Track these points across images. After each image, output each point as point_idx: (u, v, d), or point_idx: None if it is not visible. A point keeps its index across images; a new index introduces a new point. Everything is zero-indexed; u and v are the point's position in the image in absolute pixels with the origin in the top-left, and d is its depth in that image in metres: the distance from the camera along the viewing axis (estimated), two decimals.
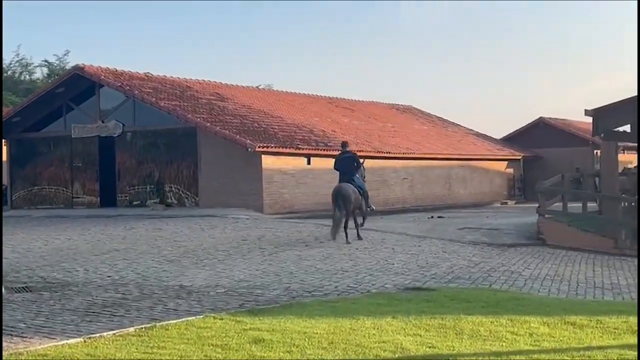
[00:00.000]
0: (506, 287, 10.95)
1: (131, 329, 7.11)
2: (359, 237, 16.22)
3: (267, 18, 79.95)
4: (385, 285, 10.74)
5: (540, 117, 41.15)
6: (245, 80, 53.71)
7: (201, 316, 7.88)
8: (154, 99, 24.33)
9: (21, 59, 45.98)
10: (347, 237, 15.87)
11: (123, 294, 10.16)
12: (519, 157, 38.13)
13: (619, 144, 27.91)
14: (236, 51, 79.31)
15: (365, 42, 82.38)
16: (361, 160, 17.40)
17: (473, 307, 8.22)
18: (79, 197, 27.29)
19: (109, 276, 11.96)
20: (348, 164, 16.99)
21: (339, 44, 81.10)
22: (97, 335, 6.89)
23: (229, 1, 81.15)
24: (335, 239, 15.79)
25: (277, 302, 9.25)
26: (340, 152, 17.89)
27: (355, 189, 16.54)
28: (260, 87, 38.18)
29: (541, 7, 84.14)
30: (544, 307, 8.11)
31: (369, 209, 17.85)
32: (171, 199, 25.04)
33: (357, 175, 17.06)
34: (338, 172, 17.10)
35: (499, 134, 43.10)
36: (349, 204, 16.01)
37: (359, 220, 16.85)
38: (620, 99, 19.84)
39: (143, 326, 7.24)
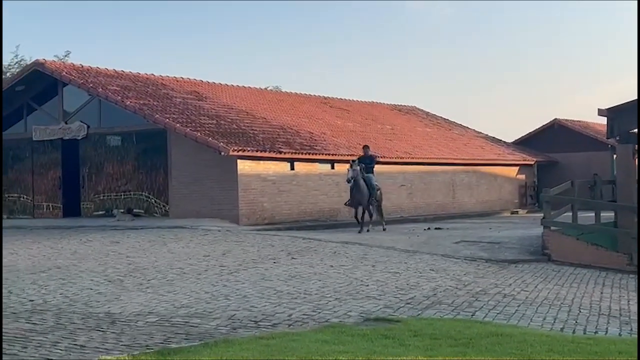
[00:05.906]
0: (493, 315, 9.77)
1: None
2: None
3: (274, 19, 78.79)
4: (349, 313, 9.58)
5: (555, 119, 39.89)
6: (253, 82, 52.31)
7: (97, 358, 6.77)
8: (120, 98, 23.14)
9: (20, 60, 44.68)
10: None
11: (34, 324, 9.06)
12: (532, 162, 36.85)
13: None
14: (240, 51, 78.07)
15: (372, 41, 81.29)
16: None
17: (438, 345, 7.05)
18: (41, 206, 26.25)
19: (31, 300, 10.87)
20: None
21: (345, 44, 79.90)
22: None
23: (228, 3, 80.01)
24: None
25: (211, 336, 8.14)
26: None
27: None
28: (267, 89, 37.18)
29: (557, 5, 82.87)
30: (526, 347, 6.90)
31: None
32: (140, 208, 23.93)
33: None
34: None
35: (511, 137, 41.97)
36: None
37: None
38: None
39: None
